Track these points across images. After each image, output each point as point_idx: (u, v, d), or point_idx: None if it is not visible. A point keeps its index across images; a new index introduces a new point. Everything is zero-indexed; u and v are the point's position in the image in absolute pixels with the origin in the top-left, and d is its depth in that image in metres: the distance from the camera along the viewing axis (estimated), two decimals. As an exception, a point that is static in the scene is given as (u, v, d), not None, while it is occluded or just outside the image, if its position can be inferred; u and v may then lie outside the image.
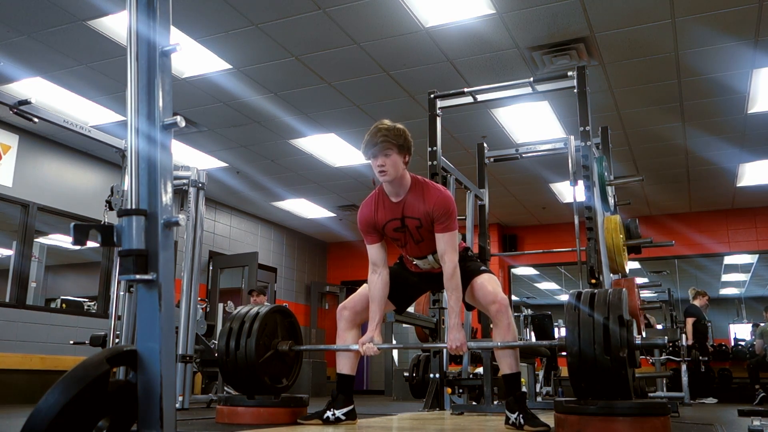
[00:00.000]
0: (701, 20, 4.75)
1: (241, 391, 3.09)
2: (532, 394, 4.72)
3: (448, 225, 2.79)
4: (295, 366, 3.29)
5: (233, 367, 3.01)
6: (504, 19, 4.76)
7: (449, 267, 2.78)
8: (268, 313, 3.13)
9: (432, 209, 2.78)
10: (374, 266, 2.93)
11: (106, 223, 1.49)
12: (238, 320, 3.09)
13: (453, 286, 2.79)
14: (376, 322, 2.89)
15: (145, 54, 1.55)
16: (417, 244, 2.90)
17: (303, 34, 5.00)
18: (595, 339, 2.34)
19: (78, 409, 1.29)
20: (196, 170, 5.27)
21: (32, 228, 6.83)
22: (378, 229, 2.89)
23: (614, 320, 2.36)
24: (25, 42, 5.06)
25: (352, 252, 11.54)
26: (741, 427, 3.52)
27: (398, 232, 2.88)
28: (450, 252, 2.79)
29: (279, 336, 3.18)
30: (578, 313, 2.43)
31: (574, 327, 2.40)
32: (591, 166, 4.02)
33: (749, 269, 12.33)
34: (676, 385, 7.92)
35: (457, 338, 2.78)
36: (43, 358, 6.54)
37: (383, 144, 2.70)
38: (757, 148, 7.24)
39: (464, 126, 6.63)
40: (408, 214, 2.83)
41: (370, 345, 2.86)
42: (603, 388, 2.38)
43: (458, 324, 2.79)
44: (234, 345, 3.00)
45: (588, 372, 2.37)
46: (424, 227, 2.83)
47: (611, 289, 2.55)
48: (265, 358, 3.06)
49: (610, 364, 2.32)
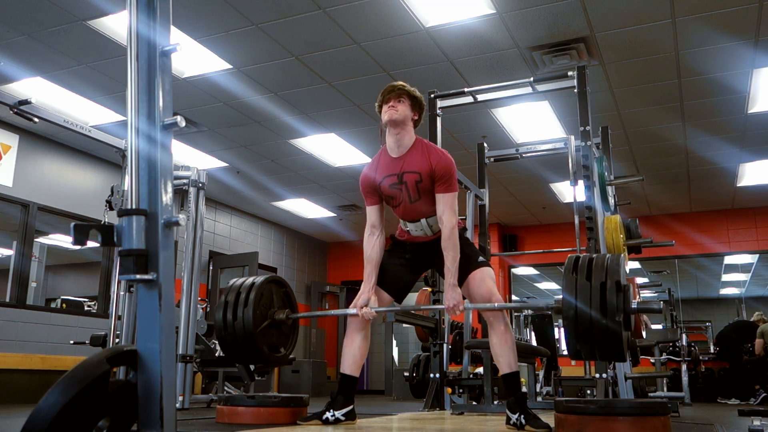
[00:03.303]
0: (701, 20, 4.75)
1: (240, 361, 3.08)
2: (532, 394, 4.72)
3: (448, 186, 2.84)
4: (293, 335, 3.28)
5: (232, 338, 2.99)
6: (504, 19, 4.76)
7: (447, 227, 2.81)
8: (264, 283, 3.11)
9: (435, 167, 2.83)
10: (372, 228, 2.99)
11: (106, 223, 1.49)
12: (234, 292, 3.07)
13: (451, 245, 2.81)
14: (372, 283, 2.94)
15: (145, 54, 1.55)
16: (412, 203, 2.90)
17: (303, 34, 5.00)
18: (592, 300, 2.33)
19: (78, 409, 1.29)
20: (196, 170, 5.27)
21: (32, 228, 6.83)
22: (376, 188, 2.94)
23: (611, 283, 2.34)
24: (25, 42, 5.06)
25: (352, 252, 11.53)
26: (741, 427, 3.52)
27: (394, 188, 2.91)
28: (449, 213, 2.83)
29: (275, 306, 3.17)
30: (576, 276, 2.41)
31: (572, 289, 2.38)
32: (591, 166, 4.03)
33: (749, 269, 12.31)
34: (676, 385, 7.92)
35: (454, 297, 2.78)
36: (43, 358, 6.54)
37: (400, 90, 2.92)
38: (757, 148, 7.24)
39: (464, 126, 6.63)
40: (407, 169, 2.87)
41: (368, 309, 2.88)
42: (599, 349, 2.36)
43: (454, 283, 2.80)
44: (231, 316, 2.99)
45: (584, 334, 2.35)
46: (423, 183, 2.85)
47: (608, 254, 2.54)
48: (263, 327, 3.04)
49: (607, 325, 2.30)
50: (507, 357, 2.84)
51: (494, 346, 2.88)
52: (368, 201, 3.00)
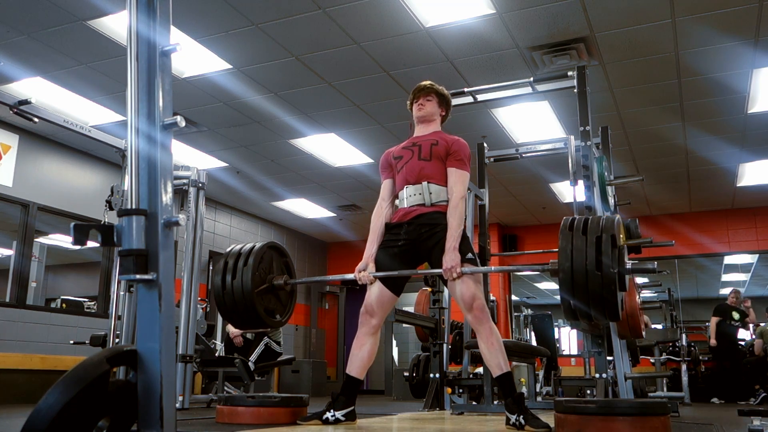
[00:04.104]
0: (701, 20, 4.75)
1: (237, 325, 3.09)
2: (532, 393, 4.72)
3: (462, 163, 3.00)
4: (290, 302, 3.28)
5: (230, 299, 2.99)
6: (504, 19, 4.76)
7: (456, 197, 2.92)
8: (264, 247, 3.12)
9: (452, 143, 3.04)
10: (382, 200, 3.14)
11: (106, 223, 1.49)
12: (233, 255, 3.09)
13: (457, 213, 2.89)
14: (372, 251, 3.01)
15: (145, 54, 1.55)
16: (420, 160, 3.00)
17: (303, 34, 5.00)
18: (587, 256, 2.33)
19: (78, 409, 1.29)
20: (196, 170, 5.27)
21: (32, 228, 6.83)
22: (391, 162, 3.13)
23: (606, 239, 2.34)
24: (25, 42, 5.06)
25: (352, 252, 11.52)
26: (741, 427, 3.52)
27: (406, 150, 3.10)
28: (460, 186, 2.95)
29: (274, 272, 3.17)
30: (571, 234, 2.41)
31: (567, 246, 2.38)
32: (591, 166, 4.02)
33: (749, 269, 12.33)
34: (676, 385, 7.93)
35: (452, 259, 2.79)
36: (43, 358, 6.54)
37: (428, 89, 3.16)
38: (757, 148, 7.24)
39: (464, 126, 6.62)
40: (426, 138, 3.08)
41: (366, 273, 2.93)
42: (594, 306, 2.35)
43: (455, 247, 2.82)
44: (231, 276, 3.00)
45: (579, 290, 2.34)
46: (438, 146, 3.01)
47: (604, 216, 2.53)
48: (261, 289, 3.04)
49: (602, 280, 2.30)
50: (496, 359, 2.83)
51: (482, 351, 2.88)
52: (384, 175, 3.18)
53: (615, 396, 3.81)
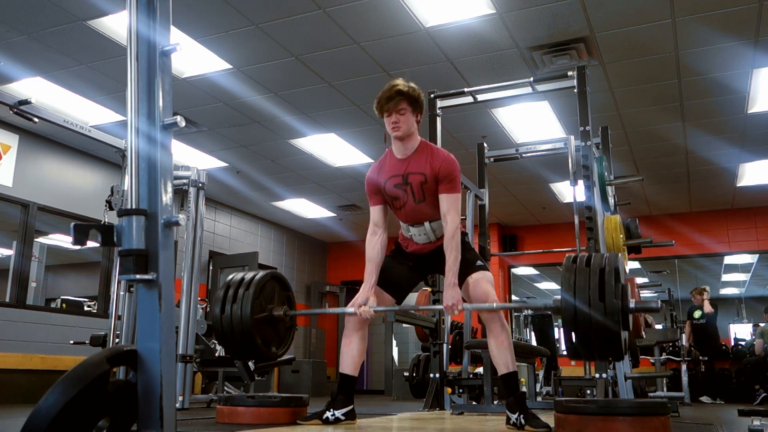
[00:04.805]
0: (701, 20, 4.75)
1: (233, 354, 3.07)
2: (532, 393, 4.72)
3: (452, 186, 2.86)
4: (288, 336, 3.25)
5: (228, 325, 2.97)
6: (504, 19, 4.76)
7: (451, 227, 2.82)
8: (267, 277, 3.11)
9: (439, 168, 2.84)
10: (375, 227, 3.00)
11: (106, 223, 1.49)
12: (235, 283, 3.07)
13: (453, 245, 2.81)
14: (371, 283, 2.92)
15: (145, 54, 1.55)
16: (417, 203, 2.91)
17: (303, 34, 5.00)
18: (590, 302, 2.33)
19: (78, 409, 1.29)
20: (196, 170, 5.27)
21: (32, 228, 6.83)
22: (380, 188, 2.96)
23: (609, 284, 2.34)
24: (25, 42, 5.06)
25: (352, 252, 11.53)
26: (741, 427, 3.52)
27: (399, 188, 2.92)
28: (453, 213, 2.85)
29: (275, 303, 3.15)
30: (574, 275, 2.41)
31: (570, 288, 2.38)
32: (591, 166, 4.03)
33: (749, 269, 12.32)
34: (676, 385, 7.92)
35: (453, 296, 2.77)
36: (43, 358, 6.54)
37: (399, 100, 2.84)
38: (757, 148, 7.24)
39: (464, 126, 6.63)
40: (412, 170, 2.89)
41: (366, 308, 2.86)
42: (597, 349, 2.35)
43: (454, 283, 2.79)
44: (231, 302, 2.98)
45: (582, 333, 2.34)
46: (428, 184, 2.86)
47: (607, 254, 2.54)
48: (260, 318, 3.02)
49: (605, 324, 2.29)
50: (504, 358, 2.84)
51: (491, 348, 2.89)
52: (372, 201, 3.02)
53: (615, 396, 3.81)
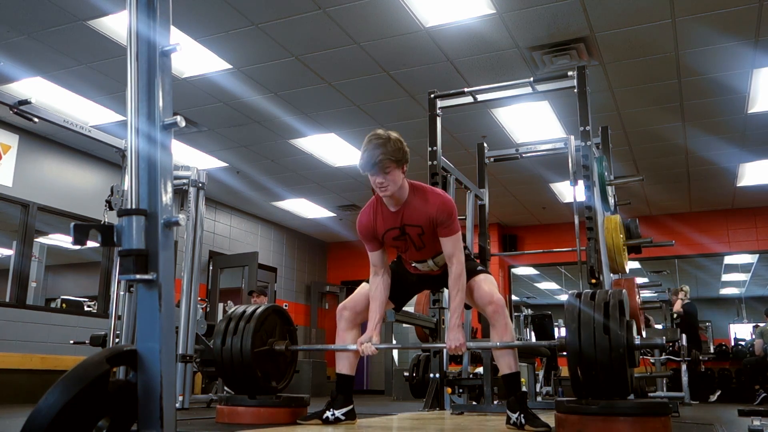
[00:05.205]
0: (701, 20, 4.75)
1: (232, 387, 3.09)
2: (532, 393, 4.72)
3: (452, 228, 2.79)
4: (288, 371, 3.26)
5: (228, 357, 2.99)
6: (504, 19, 4.76)
7: (457, 269, 2.80)
8: (269, 310, 3.12)
9: (435, 215, 2.76)
10: (376, 269, 2.95)
11: (106, 223, 1.49)
12: (236, 316, 3.09)
13: (459, 287, 2.80)
14: (376, 321, 2.89)
15: (145, 54, 1.55)
16: (418, 250, 2.90)
17: (303, 34, 5.00)
18: (596, 339, 2.34)
19: (78, 409, 1.29)
20: (196, 170, 5.28)
21: (32, 228, 6.83)
22: (377, 237, 2.88)
23: (614, 320, 2.36)
24: (25, 42, 5.06)
25: (352, 252, 11.53)
26: (741, 427, 3.52)
27: (398, 240, 2.88)
28: (457, 254, 2.81)
29: (276, 337, 3.18)
30: (578, 314, 2.43)
31: (574, 327, 2.40)
32: (591, 166, 4.02)
33: (749, 269, 12.33)
34: (676, 385, 7.92)
35: (457, 338, 2.78)
36: (43, 358, 6.54)
37: (383, 162, 2.61)
38: (757, 148, 7.24)
39: (464, 126, 6.63)
40: (408, 222, 2.81)
41: (369, 345, 2.85)
42: (603, 388, 2.37)
43: (458, 324, 2.79)
44: (231, 335, 2.99)
45: (588, 372, 2.36)
46: (426, 234, 2.82)
47: (611, 289, 2.55)
48: (260, 352, 3.03)
49: (610, 364, 2.31)
50: (507, 356, 2.85)
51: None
52: (369, 247, 2.91)
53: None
